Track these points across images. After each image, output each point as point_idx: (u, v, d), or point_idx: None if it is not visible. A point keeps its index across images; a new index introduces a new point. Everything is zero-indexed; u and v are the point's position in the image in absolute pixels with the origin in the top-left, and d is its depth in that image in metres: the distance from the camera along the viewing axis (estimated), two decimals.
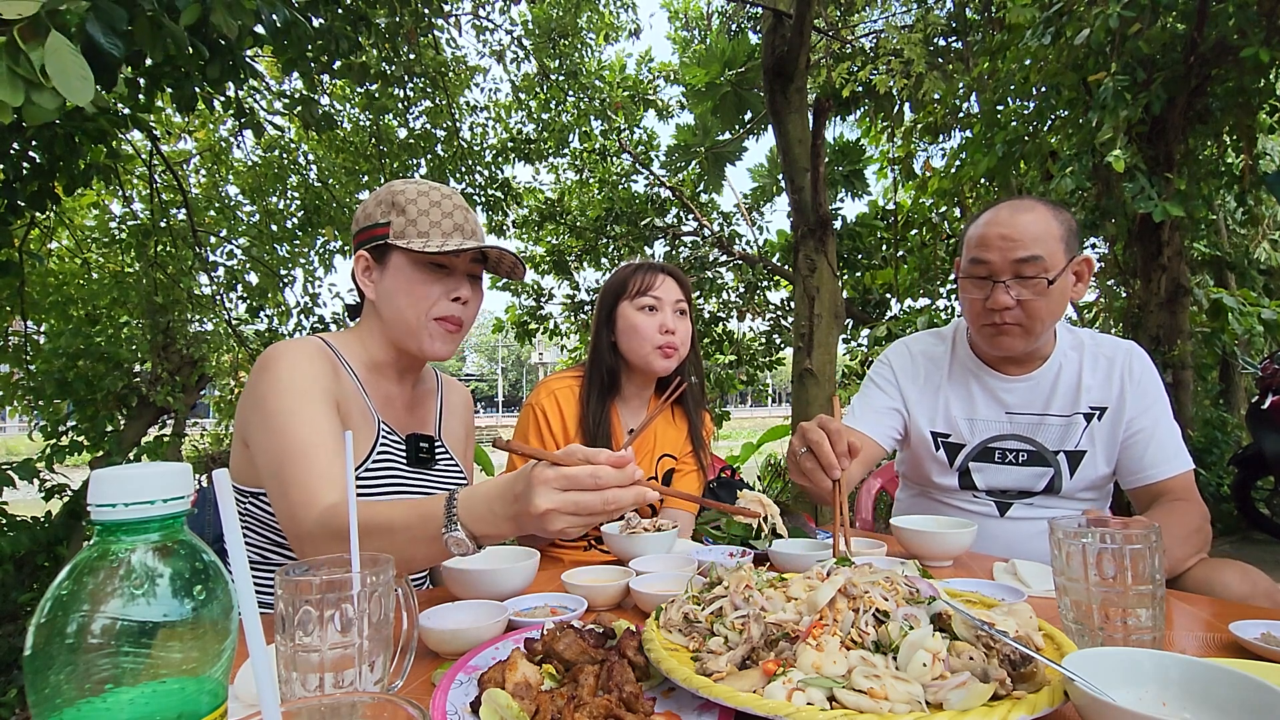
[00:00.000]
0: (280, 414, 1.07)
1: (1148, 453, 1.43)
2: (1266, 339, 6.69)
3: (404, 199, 1.21)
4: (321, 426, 1.07)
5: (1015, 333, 1.42)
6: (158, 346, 4.92)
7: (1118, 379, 1.47)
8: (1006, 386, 1.53)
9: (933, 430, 1.59)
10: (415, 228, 1.20)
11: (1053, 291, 1.38)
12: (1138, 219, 4.52)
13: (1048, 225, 1.38)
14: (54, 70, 1.29)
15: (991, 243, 1.40)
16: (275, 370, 1.11)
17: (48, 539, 3.81)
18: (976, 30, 6.06)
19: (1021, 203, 1.43)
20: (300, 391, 1.09)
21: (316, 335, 1.24)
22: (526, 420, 1.67)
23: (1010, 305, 1.39)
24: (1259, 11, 3.74)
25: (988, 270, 1.41)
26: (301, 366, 1.12)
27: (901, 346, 1.70)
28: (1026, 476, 1.52)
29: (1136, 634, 0.74)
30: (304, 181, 6.00)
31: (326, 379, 1.14)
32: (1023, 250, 1.37)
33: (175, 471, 0.47)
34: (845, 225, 8.12)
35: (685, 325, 1.67)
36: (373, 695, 0.46)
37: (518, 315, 8.88)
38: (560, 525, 0.79)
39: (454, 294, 1.22)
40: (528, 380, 54.20)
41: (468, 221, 1.24)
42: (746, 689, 0.63)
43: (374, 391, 1.26)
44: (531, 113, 7.46)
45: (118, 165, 3.67)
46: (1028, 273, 1.37)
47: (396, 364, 1.30)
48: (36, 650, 0.42)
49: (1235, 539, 5.08)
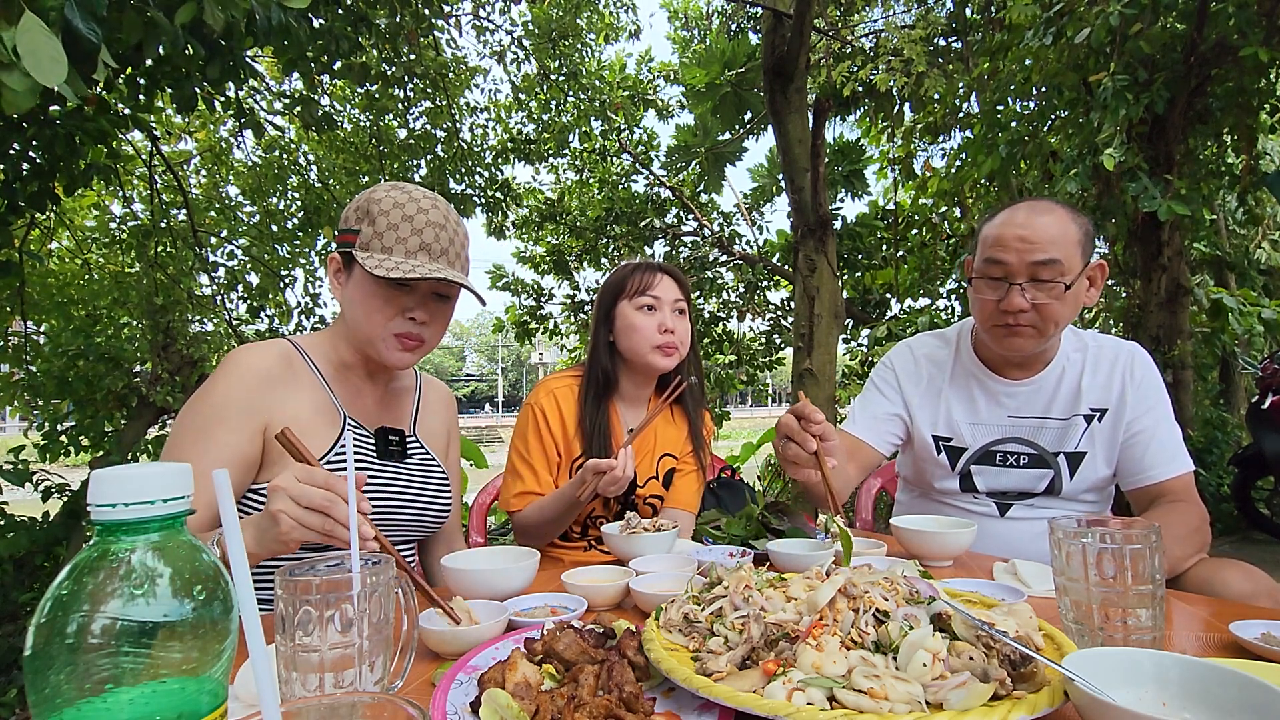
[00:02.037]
0: (182, 427, 1.12)
1: (1148, 454, 1.42)
2: (1266, 339, 6.70)
3: (378, 209, 1.19)
4: (212, 451, 1.09)
5: (1028, 334, 1.40)
6: (158, 346, 4.91)
7: (1119, 380, 1.46)
8: (1009, 390, 1.53)
9: (934, 434, 1.58)
10: (380, 241, 1.18)
11: (1068, 296, 1.36)
12: (1138, 219, 4.52)
13: (1066, 228, 1.36)
14: (25, 50, 1.27)
15: (1009, 244, 1.37)
16: (211, 378, 1.15)
17: (47, 539, 3.81)
18: (976, 30, 6.07)
19: (1040, 204, 1.41)
20: (214, 411, 1.12)
21: (286, 338, 1.26)
22: (525, 420, 1.67)
23: (1025, 308, 1.36)
24: (1259, 11, 3.74)
25: (1004, 271, 1.38)
26: (233, 382, 1.14)
27: (904, 348, 1.68)
28: (1027, 478, 1.52)
29: (1136, 634, 0.74)
30: (304, 182, 6.00)
31: (259, 395, 1.15)
32: (1041, 253, 1.34)
33: (175, 471, 0.47)
34: (845, 225, 8.13)
35: (684, 324, 1.67)
36: (373, 695, 0.46)
37: (518, 315, 8.89)
38: (284, 527, 0.87)
39: (410, 314, 1.21)
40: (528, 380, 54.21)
41: (437, 240, 1.19)
42: (746, 689, 0.63)
43: (341, 388, 1.27)
44: (531, 113, 7.46)
45: (118, 165, 3.67)
46: (1044, 276, 1.35)
47: (364, 364, 1.30)
48: (36, 650, 0.42)
49: (1235, 539, 5.08)
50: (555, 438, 1.63)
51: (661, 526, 1.35)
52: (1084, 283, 1.40)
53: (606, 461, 1.34)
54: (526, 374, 55.18)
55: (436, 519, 1.36)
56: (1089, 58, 4.20)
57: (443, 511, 1.37)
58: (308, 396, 1.21)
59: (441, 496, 1.36)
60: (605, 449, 1.59)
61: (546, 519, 1.53)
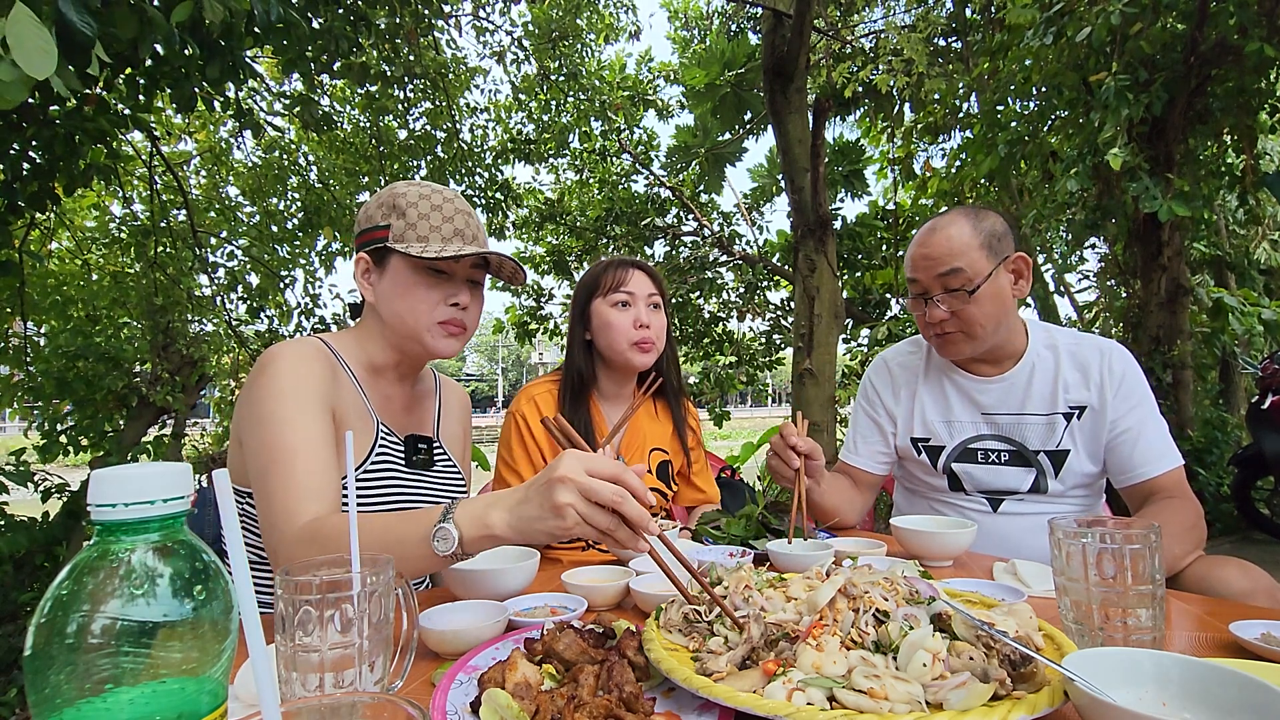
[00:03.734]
0: (272, 419, 1.06)
1: (1135, 451, 1.43)
2: (1266, 339, 6.69)
3: (405, 202, 1.20)
4: (311, 434, 1.06)
5: (958, 339, 1.49)
6: (158, 347, 4.91)
7: (1097, 377, 1.48)
8: (980, 387, 1.56)
9: (912, 436, 1.62)
10: (415, 231, 1.19)
11: (981, 297, 1.43)
12: (1139, 219, 4.52)
13: (964, 236, 1.44)
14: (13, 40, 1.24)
15: (917, 263, 1.50)
16: (273, 372, 1.10)
17: (47, 539, 3.81)
18: (976, 30, 6.07)
19: (940, 219, 1.50)
20: (295, 397, 1.08)
21: (316, 336, 1.23)
22: (509, 429, 1.68)
23: (944, 317, 1.47)
24: (1259, 11, 3.74)
25: (919, 289, 1.50)
26: (299, 370, 1.11)
27: (880, 362, 1.75)
28: (1011, 476, 1.53)
29: (1136, 634, 0.74)
30: (304, 182, 6.00)
31: (323, 383, 1.13)
32: (942, 265, 1.45)
33: (175, 471, 0.47)
34: (845, 225, 8.13)
35: (660, 319, 1.69)
36: (373, 695, 0.46)
37: (518, 315, 8.88)
38: (570, 522, 0.81)
39: (453, 299, 1.22)
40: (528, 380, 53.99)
41: (469, 226, 1.23)
42: (746, 689, 0.63)
43: (373, 392, 1.25)
44: (531, 113, 7.46)
45: (118, 165, 3.67)
46: (952, 285, 1.44)
47: (397, 366, 1.29)
48: (36, 650, 0.42)
49: (1235, 539, 5.07)
50: (540, 443, 1.64)
51: (662, 527, 1.35)
52: (1003, 279, 1.46)
53: None
54: (526, 374, 55.14)
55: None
56: (1089, 57, 4.20)
57: None
58: (349, 396, 1.19)
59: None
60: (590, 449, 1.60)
61: None
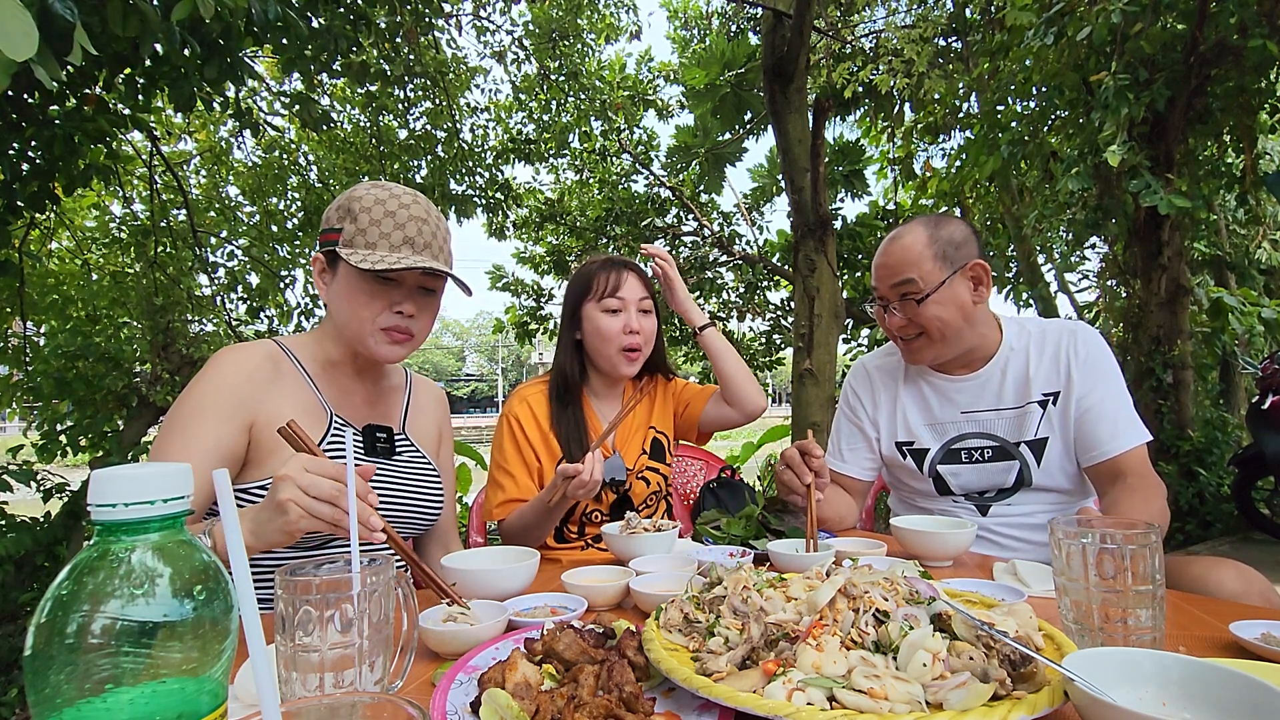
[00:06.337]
0: (169, 420, 1.12)
1: (1099, 428, 1.44)
2: (1266, 339, 6.70)
3: (359, 206, 1.21)
4: (198, 443, 1.09)
5: (920, 344, 1.53)
6: (158, 347, 4.91)
7: (1064, 361, 1.50)
8: (957, 386, 1.58)
9: (896, 441, 1.63)
10: (364, 238, 1.19)
11: (936, 303, 1.46)
12: (1139, 218, 4.52)
13: (918, 246, 1.49)
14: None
15: (876, 274, 1.55)
16: (196, 377, 1.16)
17: (47, 539, 3.81)
18: (976, 30, 6.06)
19: (902, 228, 1.55)
20: (198, 402, 1.12)
21: (273, 339, 1.27)
22: (501, 430, 1.69)
23: (903, 324, 1.52)
24: (1259, 11, 3.74)
25: (880, 298, 1.56)
26: (215, 379, 1.15)
27: (859, 367, 1.77)
28: (995, 472, 1.54)
29: (1136, 634, 0.74)
30: (304, 182, 6.00)
31: (238, 391, 1.15)
32: (895, 276, 1.50)
33: (175, 471, 0.47)
34: (845, 225, 8.11)
35: (650, 322, 1.69)
36: (373, 695, 0.46)
37: (518, 315, 8.88)
38: (293, 516, 0.86)
39: (398, 307, 1.23)
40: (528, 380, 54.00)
41: (420, 234, 1.21)
42: (746, 689, 0.63)
43: (329, 387, 1.28)
44: (532, 113, 7.46)
45: (117, 165, 3.67)
46: (907, 293, 1.49)
47: (353, 362, 1.32)
48: (36, 650, 0.42)
49: (1235, 539, 5.06)
50: (533, 444, 1.65)
51: (661, 527, 1.35)
52: (960, 285, 1.48)
53: (574, 466, 1.34)
54: (526, 374, 55.14)
55: (428, 517, 1.37)
56: (1090, 57, 4.20)
57: (434, 510, 1.37)
58: (294, 395, 1.21)
59: (433, 495, 1.37)
60: (583, 446, 1.61)
61: (528, 525, 1.54)
